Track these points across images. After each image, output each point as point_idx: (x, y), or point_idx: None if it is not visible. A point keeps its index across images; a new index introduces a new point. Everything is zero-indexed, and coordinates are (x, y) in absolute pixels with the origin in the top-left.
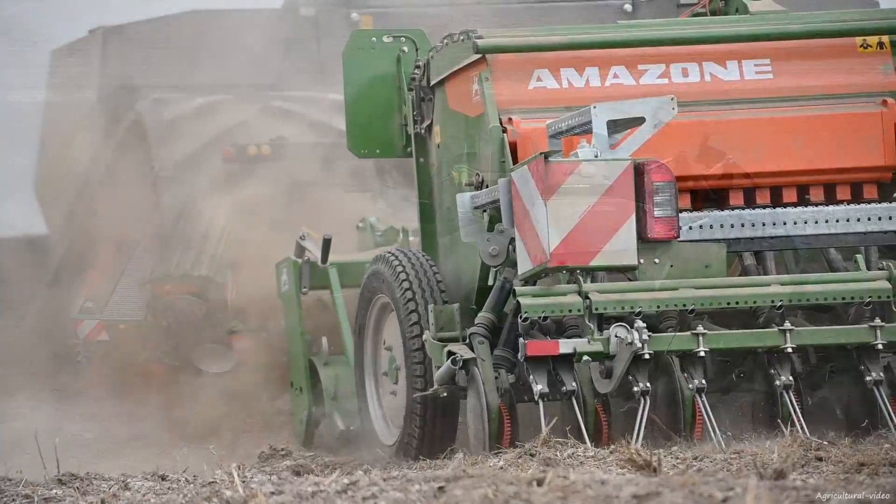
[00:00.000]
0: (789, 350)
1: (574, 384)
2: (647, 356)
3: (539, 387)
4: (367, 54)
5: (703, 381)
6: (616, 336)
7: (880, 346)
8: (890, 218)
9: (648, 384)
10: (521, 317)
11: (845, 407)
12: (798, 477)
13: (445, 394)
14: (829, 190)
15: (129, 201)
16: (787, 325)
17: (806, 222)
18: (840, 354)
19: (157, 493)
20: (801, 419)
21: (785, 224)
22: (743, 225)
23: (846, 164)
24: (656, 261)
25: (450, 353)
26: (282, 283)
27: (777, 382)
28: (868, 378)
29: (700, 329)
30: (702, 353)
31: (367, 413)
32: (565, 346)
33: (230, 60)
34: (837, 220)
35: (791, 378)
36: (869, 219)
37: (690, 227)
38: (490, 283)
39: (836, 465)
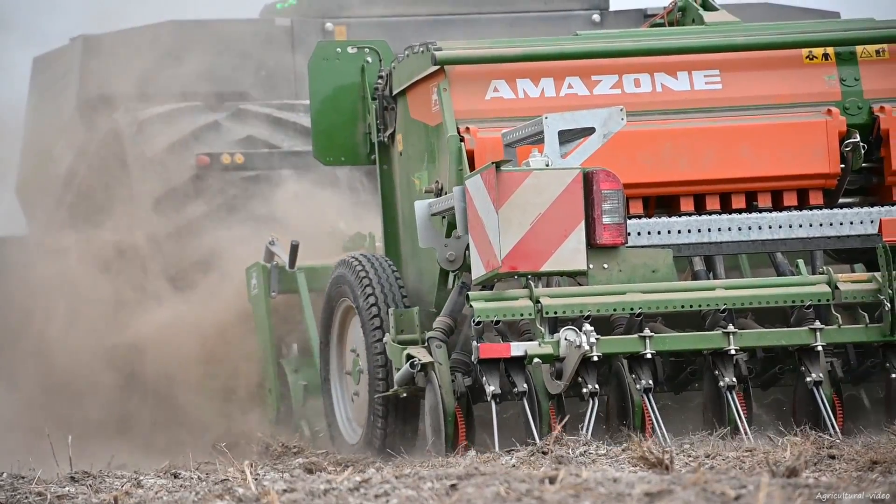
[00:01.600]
0: (732, 352)
1: (525, 385)
2: (595, 358)
3: (492, 388)
4: (332, 64)
5: (651, 382)
6: (565, 339)
7: (819, 348)
8: (831, 224)
9: (597, 385)
10: (473, 320)
11: (793, 406)
12: (810, 475)
13: (406, 394)
14: (776, 196)
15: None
16: (731, 327)
17: (750, 228)
18: (787, 355)
19: (170, 491)
20: (744, 419)
21: (730, 230)
22: (690, 231)
23: (792, 172)
24: (605, 266)
25: (409, 357)
26: (251, 287)
27: (721, 384)
28: (808, 379)
29: (647, 332)
30: (648, 355)
31: (332, 413)
32: (517, 348)
33: (208, 70)
34: (780, 227)
35: (734, 379)
36: (811, 225)
37: (639, 233)
38: (449, 286)
39: (849, 462)
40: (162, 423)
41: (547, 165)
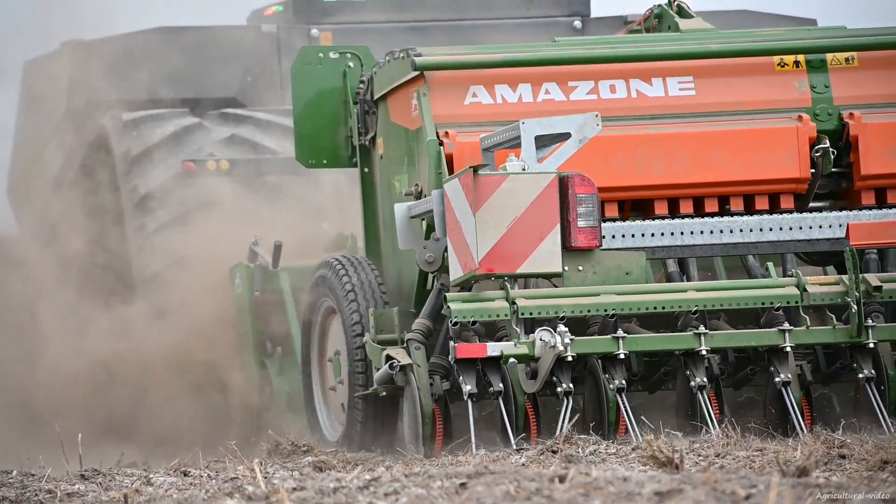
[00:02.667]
0: (703, 353)
1: (501, 385)
2: (569, 358)
3: (468, 387)
4: (315, 69)
5: (624, 382)
6: (540, 339)
7: (788, 349)
8: (800, 228)
9: (571, 385)
10: (450, 321)
11: (763, 405)
12: (821, 475)
13: (385, 393)
14: (748, 200)
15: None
16: (702, 328)
17: (722, 231)
18: (759, 356)
19: (180, 489)
20: (714, 419)
21: (702, 233)
22: (663, 234)
23: (764, 176)
24: (580, 268)
25: (388, 358)
26: (235, 287)
27: (692, 384)
28: (777, 379)
29: (620, 332)
30: (622, 356)
31: (312, 410)
32: (493, 348)
33: (194, 76)
34: (752, 230)
35: (705, 379)
36: (781, 228)
37: (614, 236)
38: (429, 287)
39: (860, 462)
40: (145, 422)
41: (523, 170)
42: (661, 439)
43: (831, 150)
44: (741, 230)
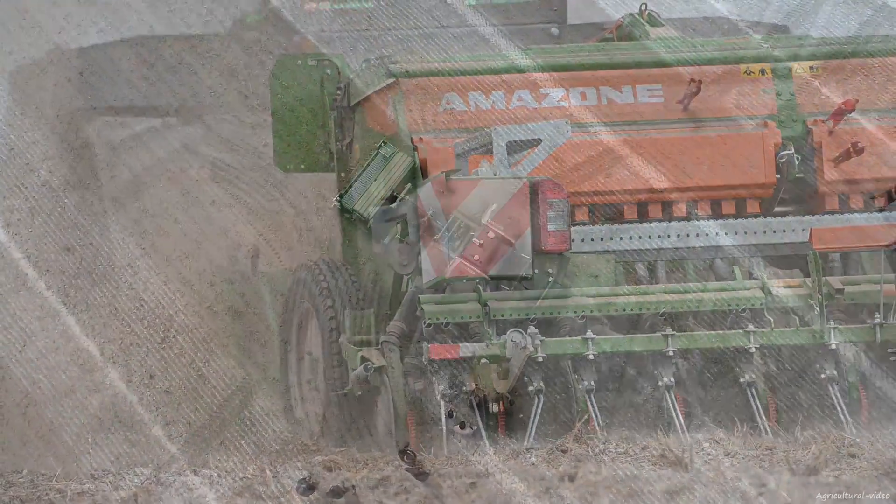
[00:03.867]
0: (670, 353)
1: (473, 385)
2: (540, 359)
3: (441, 387)
4: (293, 76)
5: (593, 383)
6: (512, 341)
7: (753, 350)
8: (765, 232)
9: (542, 384)
10: (424, 322)
11: (730, 405)
12: (831, 473)
13: (360, 393)
14: (715, 205)
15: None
16: (669, 330)
17: (689, 235)
18: (725, 356)
19: (190, 488)
20: (681, 417)
21: (670, 237)
22: (632, 237)
23: (730, 182)
24: (550, 271)
25: (363, 359)
26: (219, 291)
27: (660, 383)
28: (742, 379)
29: (590, 334)
30: (591, 357)
31: (290, 409)
32: (465, 349)
33: (177, 84)
34: (717, 234)
35: (672, 379)
36: (746, 232)
37: (583, 240)
38: (404, 289)
39: (869, 461)
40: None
41: (495, 175)
42: (671, 438)
43: (796, 156)
44: (708, 234)
